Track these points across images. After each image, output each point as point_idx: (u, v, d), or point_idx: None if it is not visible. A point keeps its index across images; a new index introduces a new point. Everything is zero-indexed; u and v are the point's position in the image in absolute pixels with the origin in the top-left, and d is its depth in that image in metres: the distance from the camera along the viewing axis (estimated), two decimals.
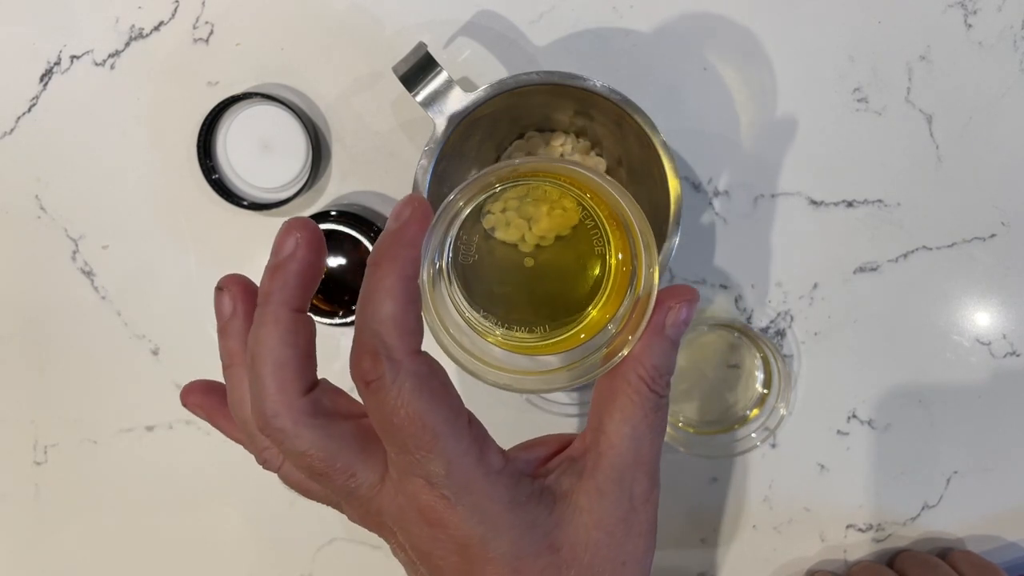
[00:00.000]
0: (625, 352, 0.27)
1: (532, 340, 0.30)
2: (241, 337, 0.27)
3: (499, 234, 0.39)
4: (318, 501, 0.29)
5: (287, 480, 0.29)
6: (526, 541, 0.26)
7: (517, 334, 0.30)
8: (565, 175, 0.30)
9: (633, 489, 0.27)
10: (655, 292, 0.27)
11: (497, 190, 0.29)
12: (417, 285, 0.25)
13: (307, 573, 0.53)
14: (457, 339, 0.28)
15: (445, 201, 0.26)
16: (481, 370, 0.28)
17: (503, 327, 0.30)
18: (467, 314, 0.30)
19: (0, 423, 0.53)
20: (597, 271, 0.30)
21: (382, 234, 0.25)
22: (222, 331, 0.28)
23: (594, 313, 0.30)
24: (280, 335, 0.25)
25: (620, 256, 0.30)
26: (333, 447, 0.26)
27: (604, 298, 0.30)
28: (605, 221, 0.30)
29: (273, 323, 0.26)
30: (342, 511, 0.29)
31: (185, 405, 0.31)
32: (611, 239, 0.30)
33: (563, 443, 0.29)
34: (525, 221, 0.39)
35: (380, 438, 0.26)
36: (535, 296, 0.32)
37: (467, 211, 0.29)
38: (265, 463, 0.29)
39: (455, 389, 0.26)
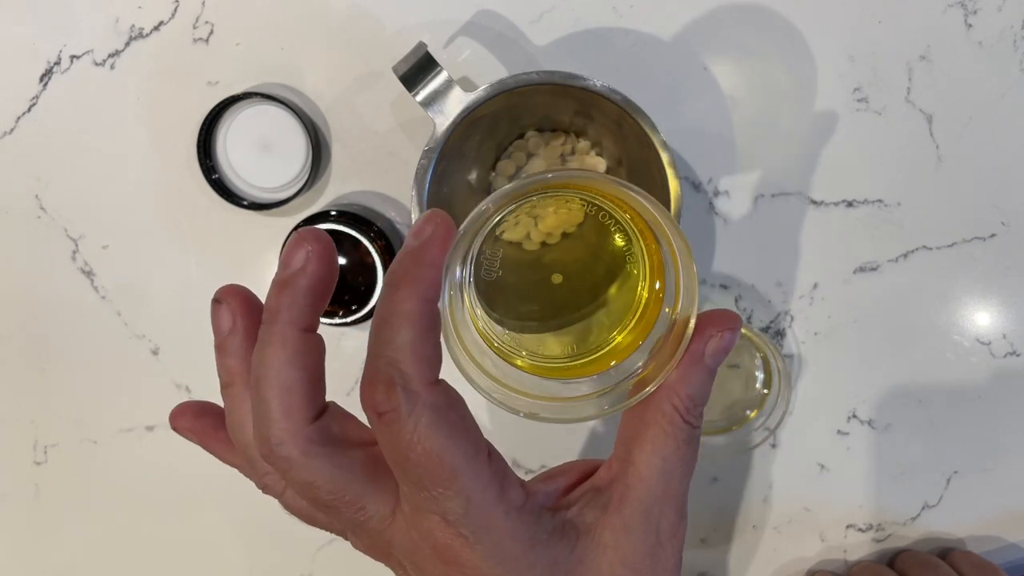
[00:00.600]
0: (660, 380, 0.25)
1: (560, 362, 0.28)
2: (241, 355, 0.26)
3: (506, 235, 0.38)
4: (323, 529, 0.28)
5: (289, 507, 0.28)
6: None
7: (544, 355, 0.29)
8: (598, 189, 0.28)
9: (660, 524, 0.26)
10: (694, 317, 0.25)
11: (523, 203, 0.28)
12: (437, 309, 0.23)
13: (307, 573, 0.53)
14: (479, 363, 0.26)
15: (470, 216, 0.24)
16: (503, 396, 0.26)
17: (529, 349, 0.28)
18: (490, 335, 0.28)
19: (0, 423, 0.53)
20: (631, 290, 0.29)
21: (400, 252, 0.23)
22: (220, 348, 0.26)
23: (628, 336, 0.28)
24: (287, 357, 0.24)
25: (653, 275, 0.28)
26: (342, 478, 0.24)
27: (638, 320, 0.28)
28: (640, 236, 0.28)
29: (280, 344, 0.24)
30: (347, 539, 0.28)
31: (175, 429, 0.29)
32: (646, 255, 0.28)
33: (585, 472, 0.28)
34: (532, 219, 0.39)
35: (393, 472, 0.24)
36: (563, 314, 0.30)
37: (490, 225, 0.28)
38: (266, 488, 0.27)
39: (474, 421, 0.24)
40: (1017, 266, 0.49)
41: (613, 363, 0.28)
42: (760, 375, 0.51)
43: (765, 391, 0.50)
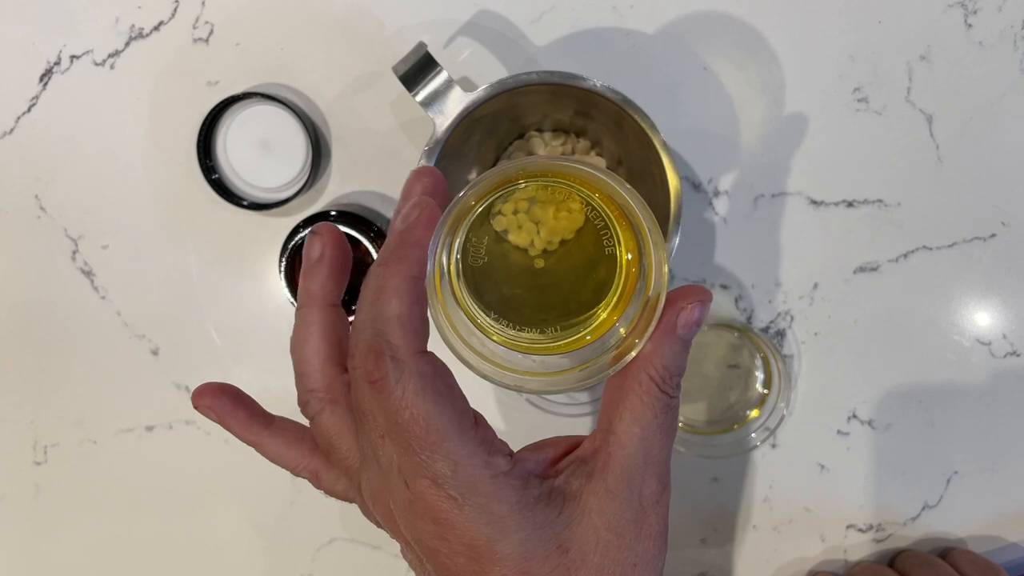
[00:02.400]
0: (635, 352, 0.27)
1: (542, 341, 0.30)
2: (321, 281, 0.30)
3: (512, 237, 0.39)
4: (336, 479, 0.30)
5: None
6: (534, 542, 0.26)
7: (527, 335, 0.30)
8: (573, 175, 0.30)
9: (643, 490, 0.27)
10: (664, 291, 0.27)
11: (505, 191, 0.29)
12: (423, 285, 0.26)
13: (307, 573, 0.53)
14: (466, 339, 0.28)
15: (452, 201, 0.27)
16: (490, 371, 0.28)
17: (513, 328, 0.30)
18: (476, 315, 0.30)
19: (0, 423, 0.53)
20: (608, 271, 0.30)
21: (389, 235, 0.26)
22: (306, 273, 0.30)
23: (604, 313, 0.30)
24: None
25: (630, 256, 0.29)
26: (346, 433, 0.28)
27: (615, 298, 0.30)
28: (615, 220, 0.30)
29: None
30: (355, 502, 0.30)
31: (196, 407, 0.31)
32: (621, 239, 0.30)
33: (572, 444, 0.29)
34: (535, 225, 0.39)
35: (388, 438, 0.26)
36: (546, 297, 0.32)
37: (476, 212, 0.29)
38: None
39: (460, 390, 0.26)
40: (1017, 266, 0.49)
41: (593, 339, 0.29)
42: (760, 375, 0.51)
43: (765, 391, 0.50)
